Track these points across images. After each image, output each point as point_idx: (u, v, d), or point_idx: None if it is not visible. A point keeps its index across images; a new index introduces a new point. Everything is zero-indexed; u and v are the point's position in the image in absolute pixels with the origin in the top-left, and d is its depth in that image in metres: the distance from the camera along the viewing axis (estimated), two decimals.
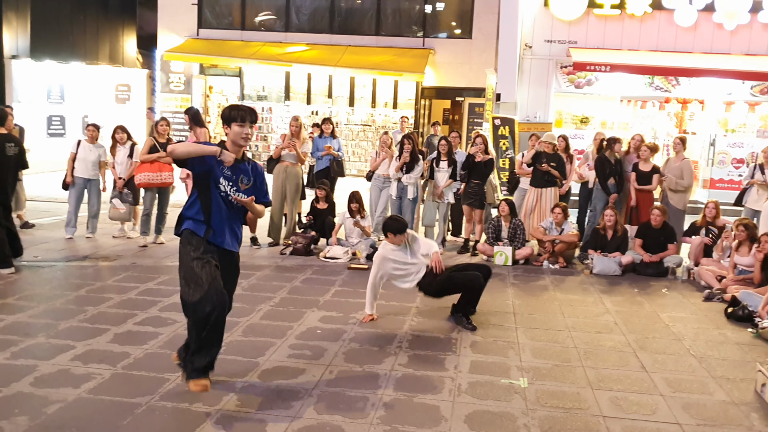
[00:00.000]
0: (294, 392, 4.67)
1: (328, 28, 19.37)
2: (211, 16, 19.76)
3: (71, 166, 9.59)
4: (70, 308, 6.43)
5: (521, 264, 9.08)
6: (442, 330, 6.16)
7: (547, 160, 9.69)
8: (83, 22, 19.62)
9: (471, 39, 18.70)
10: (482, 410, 4.50)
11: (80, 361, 5.10)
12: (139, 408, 4.35)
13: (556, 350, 5.75)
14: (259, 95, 19.69)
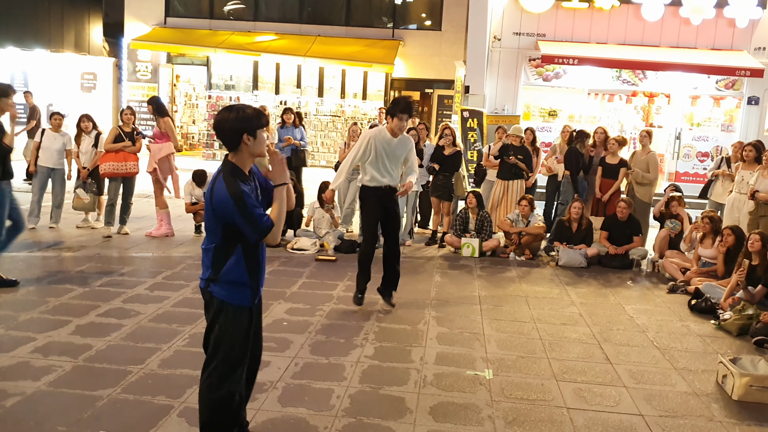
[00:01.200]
0: (258, 385, 4.62)
1: (297, 17, 19.24)
2: (179, 4, 19.47)
3: (35, 155, 9.40)
4: (32, 299, 6.30)
5: (488, 256, 9.14)
6: (409, 321, 6.17)
7: (514, 153, 9.75)
8: (47, 8, 19.19)
9: (441, 31, 18.72)
10: (447, 402, 4.52)
11: (40, 353, 5.00)
12: (100, 401, 4.28)
13: (521, 342, 5.80)
14: (227, 84, 19.49)
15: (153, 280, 7.15)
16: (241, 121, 3.37)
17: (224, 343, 3.52)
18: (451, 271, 8.28)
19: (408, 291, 7.21)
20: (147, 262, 7.92)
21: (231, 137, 3.39)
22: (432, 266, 8.46)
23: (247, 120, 3.39)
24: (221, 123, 3.40)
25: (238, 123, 3.37)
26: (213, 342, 3.57)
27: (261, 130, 3.46)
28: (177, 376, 4.72)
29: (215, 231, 3.46)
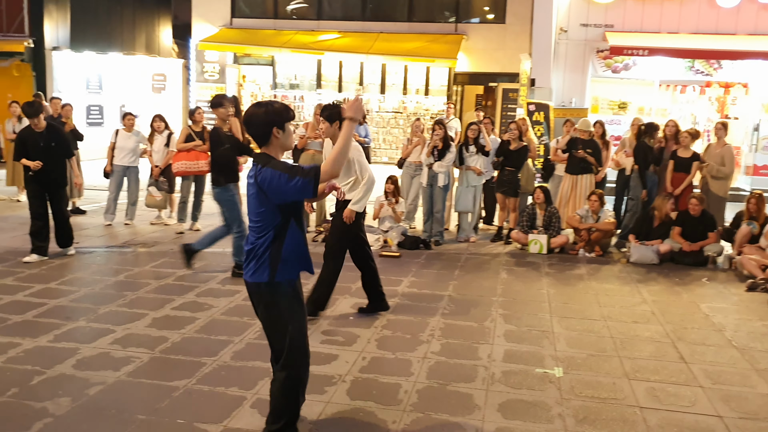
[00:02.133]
0: (327, 377, 4.71)
1: (360, 15, 19.32)
2: (244, 5, 19.85)
3: (111, 155, 9.77)
4: (110, 293, 6.56)
5: (556, 253, 8.99)
6: (476, 318, 6.14)
7: (582, 147, 9.56)
8: (120, 12, 19.89)
9: (505, 24, 18.47)
10: (516, 399, 4.48)
11: (120, 344, 5.21)
12: (176, 391, 4.43)
13: (591, 340, 5.69)
14: (292, 84, 19.75)
15: (224, 274, 7.34)
16: (271, 115, 3.51)
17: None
18: (518, 268, 8.19)
19: (474, 288, 7.17)
20: (218, 258, 8.12)
21: (262, 131, 3.52)
22: (498, 263, 8.39)
23: (277, 114, 3.52)
24: (252, 118, 3.53)
25: (267, 117, 3.50)
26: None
27: (289, 124, 3.59)
28: (249, 368, 4.84)
29: (274, 214, 3.53)
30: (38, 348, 5.08)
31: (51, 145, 7.60)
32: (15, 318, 5.71)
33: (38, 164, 7.50)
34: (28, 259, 7.56)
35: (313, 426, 4.03)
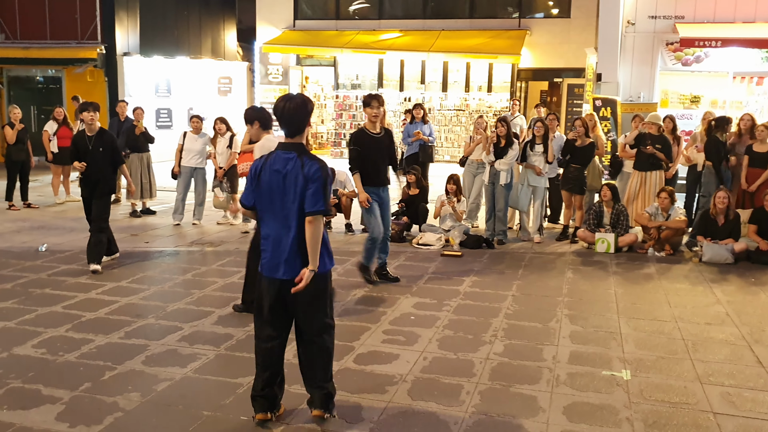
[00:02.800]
0: (388, 377, 4.70)
1: (421, 13, 19.27)
2: (306, 7, 20.09)
3: (178, 157, 10.04)
4: (178, 291, 6.74)
5: (624, 251, 8.73)
6: (540, 319, 6.02)
7: (651, 142, 9.25)
8: (187, 17, 20.42)
9: (569, 18, 18.10)
10: (582, 402, 4.36)
11: (187, 341, 5.34)
12: (241, 388, 4.50)
13: (661, 342, 5.49)
14: (353, 84, 19.87)
15: None
16: (310, 107, 3.90)
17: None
18: (585, 267, 8.00)
19: (538, 288, 7.04)
20: None
21: (302, 123, 3.85)
22: (563, 262, 8.21)
23: (311, 107, 3.93)
24: (297, 111, 3.81)
25: (309, 108, 3.88)
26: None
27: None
28: None
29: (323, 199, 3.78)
30: (110, 344, 5.26)
31: (99, 150, 7.38)
32: (88, 315, 5.92)
33: (83, 165, 7.33)
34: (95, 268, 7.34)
35: (374, 426, 4.03)
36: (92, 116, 7.35)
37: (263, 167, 3.83)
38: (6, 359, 4.93)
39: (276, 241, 3.84)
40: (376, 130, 6.84)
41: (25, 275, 7.15)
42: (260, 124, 5.99)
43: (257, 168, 3.86)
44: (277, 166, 3.78)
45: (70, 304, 6.20)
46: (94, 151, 7.39)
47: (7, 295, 6.47)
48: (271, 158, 3.83)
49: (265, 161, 3.84)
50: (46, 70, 18.08)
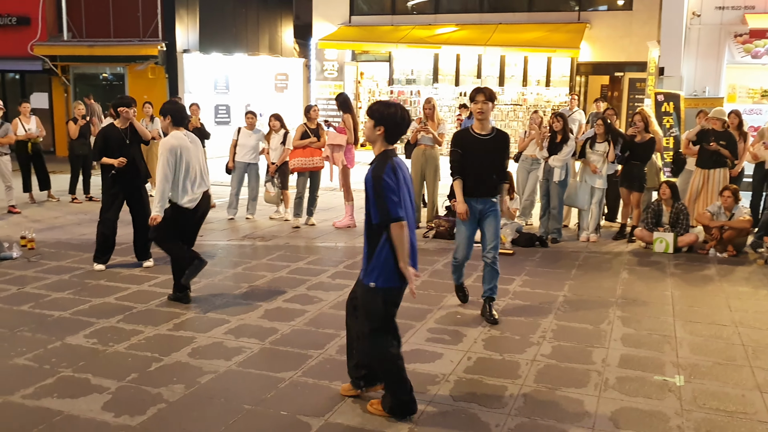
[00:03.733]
0: (431, 376, 4.63)
1: (478, 7, 19.03)
2: (362, 3, 20.10)
3: (233, 152, 10.17)
4: (227, 284, 6.83)
5: (684, 252, 8.41)
6: (591, 320, 5.84)
7: (715, 139, 8.87)
8: (245, 15, 20.72)
9: (631, 10, 17.56)
10: (631, 408, 4.20)
11: (233, 334, 5.39)
12: (282, 383, 4.51)
13: (719, 347, 5.25)
14: (408, 79, 19.78)
15: (335, 268, 7.44)
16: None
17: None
18: (641, 267, 7.73)
19: (592, 288, 6.84)
20: (330, 252, 8.25)
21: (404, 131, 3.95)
22: (619, 262, 7.96)
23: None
24: (406, 118, 3.92)
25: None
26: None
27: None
28: None
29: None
30: (158, 336, 5.35)
31: (135, 142, 7.39)
32: (139, 306, 6.05)
33: (122, 161, 7.17)
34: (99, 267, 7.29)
35: (413, 425, 3.97)
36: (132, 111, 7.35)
37: (399, 176, 3.83)
38: (59, 348, 5.08)
39: (413, 247, 3.97)
40: (483, 130, 5.85)
41: (83, 267, 7.37)
42: (172, 119, 6.04)
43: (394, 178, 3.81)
44: (405, 173, 3.93)
45: (123, 296, 6.36)
46: (132, 144, 7.32)
47: (65, 285, 6.67)
48: (395, 165, 3.85)
49: (394, 171, 3.82)
50: (110, 67, 18.62)
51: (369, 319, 3.99)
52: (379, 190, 3.73)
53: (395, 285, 3.91)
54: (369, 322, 3.99)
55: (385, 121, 3.86)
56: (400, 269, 3.85)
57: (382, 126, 3.86)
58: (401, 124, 3.90)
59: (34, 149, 11.31)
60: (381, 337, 3.99)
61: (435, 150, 9.49)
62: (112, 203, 7.30)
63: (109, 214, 7.28)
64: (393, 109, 3.91)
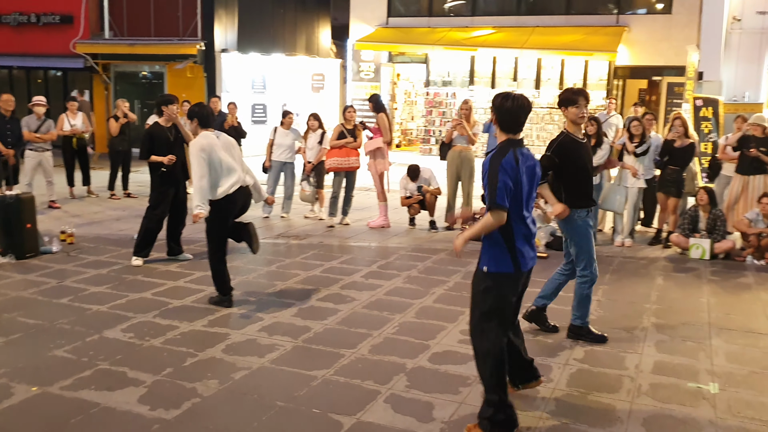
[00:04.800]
0: (462, 378, 4.64)
1: (515, 9, 18.93)
2: (399, 5, 20.14)
3: (269, 151, 10.29)
4: (262, 282, 6.92)
5: (720, 259, 8.27)
6: (625, 326, 5.79)
7: (756, 145, 8.71)
8: (283, 15, 20.92)
9: (671, 14, 17.29)
10: (663, 414, 4.16)
11: (266, 332, 5.47)
12: (315, 380, 4.56)
13: (755, 356, 5.17)
14: (444, 81, 19.76)
15: (368, 268, 7.48)
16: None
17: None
18: (677, 274, 7.63)
19: (626, 294, 6.78)
20: (364, 251, 8.31)
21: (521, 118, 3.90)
22: (655, 268, 7.87)
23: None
24: (519, 105, 3.87)
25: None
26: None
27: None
28: (385, 362, 4.89)
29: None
30: (193, 332, 5.46)
31: (179, 141, 7.59)
32: (175, 302, 6.17)
33: (172, 158, 7.35)
34: (138, 262, 7.48)
35: (444, 426, 3.99)
36: (177, 109, 7.55)
37: (519, 165, 3.77)
38: (97, 341, 5.21)
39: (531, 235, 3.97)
40: (579, 134, 5.36)
41: (121, 262, 7.53)
42: (199, 121, 6.12)
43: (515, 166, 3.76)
44: (530, 162, 3.90)
45: (159, 291, 6.49)
46: (176, 142, 7.54)
47: (103, 280, 6.83)
48: (518, 154, 3.80)
49: (516, 160, 3.77)
50: (150, 66, 18.96)
51: (478, 304, 3.90)
52: (492, 174, 3.71)
53: (508, 270, 3.83)
54: (478, 309, 3.90)
55: (496, 110, 3.88)
56: (511, 255, 3.81)
57: (495, 115, 3.89)
58: (514, 110, 3.84)
59: (80, 144, 11.61)
60: (489, 325, 3.86)
61: (470, 151, 9.50)
62: (162, 200, 7.46)
63: (158, 210, 7.45)
64: (506, 100, 3.85)
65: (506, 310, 3.92)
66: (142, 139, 7.54)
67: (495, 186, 3.69)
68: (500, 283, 3.84)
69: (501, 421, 3.82)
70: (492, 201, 3.69)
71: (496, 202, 3.68)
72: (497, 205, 3.68)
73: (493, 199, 3.69)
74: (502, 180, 3.69)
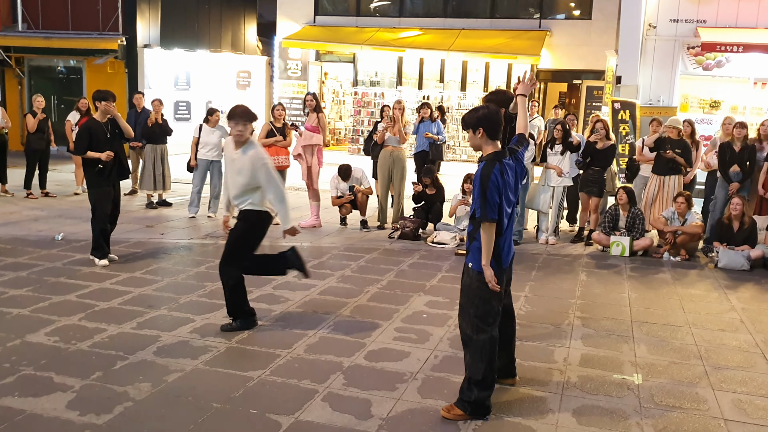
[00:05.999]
0: (399, 374, 4.70)
1: (442, 12, 19.23)
2: (327, 3, 20.10)
3: (194, 150, 10.08)
4: (191, 283, 6.77)
5: (639, 255, 8.67)
6: (552, 321, 5.99)
7: (671, 147, 9.18)
8: (208, 11, 20.50)
9: (590, 20, 17.98)
10: (592, 405, 4.34)
11: (199, 333, 5.36)
12: (251, 381, 4.52)
13: (674, 347, 5.45)
14: (372, 81, 19.86)
15: None
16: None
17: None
18: (599, 270, 7.95)
19: (552, 290, 7.01)
20: None
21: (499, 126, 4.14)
22: (578, 265, 8.16)
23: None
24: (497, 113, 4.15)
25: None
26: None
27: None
28: (322, 361, 4.89)
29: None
30: (122, 334, 5.30)
31: (116, 136, 7.37)
32: (102, 305, 5.97)
33: (111, 154, 7.14)
34: (104, 262, 7.28)
35: (383, 422, 4.03)
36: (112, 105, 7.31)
37: (506, 178, 4.03)
38: (19, 346, 4.98)
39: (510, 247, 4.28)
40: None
41: (41, 263, 7.22)
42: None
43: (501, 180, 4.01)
44: (514, 166, 4.17)
45: (84, 294, 6.26)
46: (114, 139, 7.33)
47: (23, 282, 6.54)
48: (504, 167, 4.04)
49: (502, 173, 4.00)
50: (67, 61, 18.22)
51: (470, 300, 4.13)
52: (484, 189, 3.94)
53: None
54: (471, 304, 4.13)
55: (480, 122, 4.07)
56: (498, 254, 4.08)
57: (480, 128, 4.06)
58: (495, 119, 4.09)
59: (1, 140, 11.10)
60: (482, 318, 4.11)
61: (402, 151, 9.59)
62: (104, 197, 7.26)
63: (104, 208, 7.26)
64: (482, 110, 4.12)
65: (495, 304, 4.14)
66: (78, 135, 7.32)
67: (486, 202, 3.95)
68: (484, 280, 4.06)
69: (481, 403, 4.09)
70: (484, 217, 3.96)
71: (488, 217, 3.95)
72: (490, 219, 3.96)
73: (485, 215, 3.95)
74: (491, 196, 3.95)
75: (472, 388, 4.11)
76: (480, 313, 4.11)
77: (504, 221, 4.09)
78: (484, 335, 4.11)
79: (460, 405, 4.12)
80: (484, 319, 4.10)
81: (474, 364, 4.13)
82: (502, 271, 4.14)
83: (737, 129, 8.97)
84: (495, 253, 4.07)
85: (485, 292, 4.08)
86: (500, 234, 4.08)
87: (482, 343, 4.11)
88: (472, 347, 4.16)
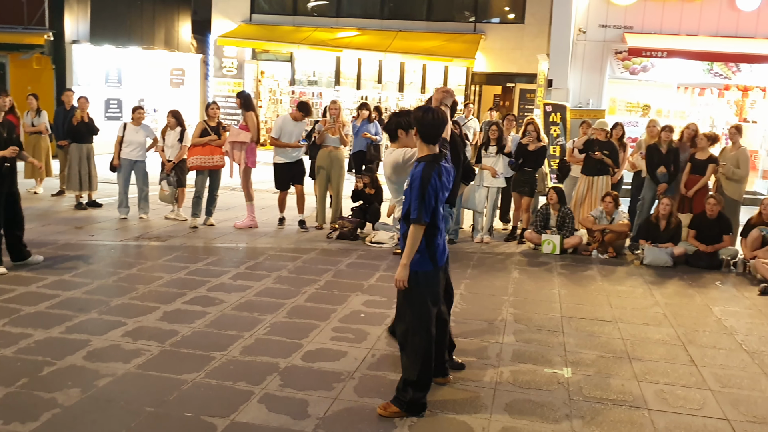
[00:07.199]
0: (336, 374, 4.72)
1: (378, 13, 19.32)
2: (263, 2, 19.93)
3: (118, 149, 9.80)
4: (122, 286, 6.62)
5: (569, 253, 8.94)
6: (486, 317, 6.12)
7: (599, 148, 9.50)
8: (140, 7, 19.98)
9: (523, 24, 18.41)
10: (524, 399, 4.46)
11: (130, 337, 5.25)
12: (185, 384, 4.46)
13: (601, 341, 5.65)
14: (310, 80, 19.79)
15: (236, 269, 7.36)
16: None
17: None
18: (530, 268, 8.16)
19: (486, 287, 7.15)
20: (231, 253, 8.16)
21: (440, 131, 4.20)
22: (511, 263, 8.36)
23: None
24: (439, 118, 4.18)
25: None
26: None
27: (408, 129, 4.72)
28: (258, 363, 4.86)
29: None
30: (50, 339, 5.14)
31: (11, 135, 7.03)
32: (27, 309, 5.77)
33: (15, 149, 6.82)
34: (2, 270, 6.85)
35: (320, 422, 4.04)
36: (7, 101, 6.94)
37: (443, 180, 4.10)
38: None
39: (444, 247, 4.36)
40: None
41: None
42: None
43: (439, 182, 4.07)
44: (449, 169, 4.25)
45: (9, 298, 6.03)
46: (8, 138, 6.92)
47: None
48: (442, 170, 4.11)
49: (440, 175, 4.07)
50: None
51: (408, 300, 4.19)
52: (423, 191, 3.98)
53: (428, 269, 4.15)
54: (408, 304, 4.20)
55: (419, 123, 4.15)
56: (429, 255, 4.14)
57: (417, 127, 4.15)
58: (436, 123, 4.12)
59: None
60: (420, 318, 4.16)
61: (340, 151, 9.60)
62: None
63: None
64: (427, 113, 4.15)
65: (433, 303, 4.22)
66: None
67: (421, 203, 3.99)
68: (424, 280, 4.16)
69: (416, 402, 4.15)
70: (418, 219, 4.01)
71: (421, 219, 4.01)
72: (422, 222, 4.02)
73: (419, 218, 4.00)
74: (427, 199, 4.00)
75: (407, 389, 4.17)
76: (416, 314, 4.16)
77: (439, 223, 4.16)
78: (419, 336, 4.16)
79: (396, 403, 4.17)
80: (420, 320, 4.16)
81: (410, 365, 4.18)
82: (437, 269, 4.21)
83: (665, 132, 9.34)
84: (431, 252, 4.14)
85: (421, 294, 4.14)
86: (435, 235, 4.15)
87: (418, 344, 4.16)
88: (408, 348, 4.22)
